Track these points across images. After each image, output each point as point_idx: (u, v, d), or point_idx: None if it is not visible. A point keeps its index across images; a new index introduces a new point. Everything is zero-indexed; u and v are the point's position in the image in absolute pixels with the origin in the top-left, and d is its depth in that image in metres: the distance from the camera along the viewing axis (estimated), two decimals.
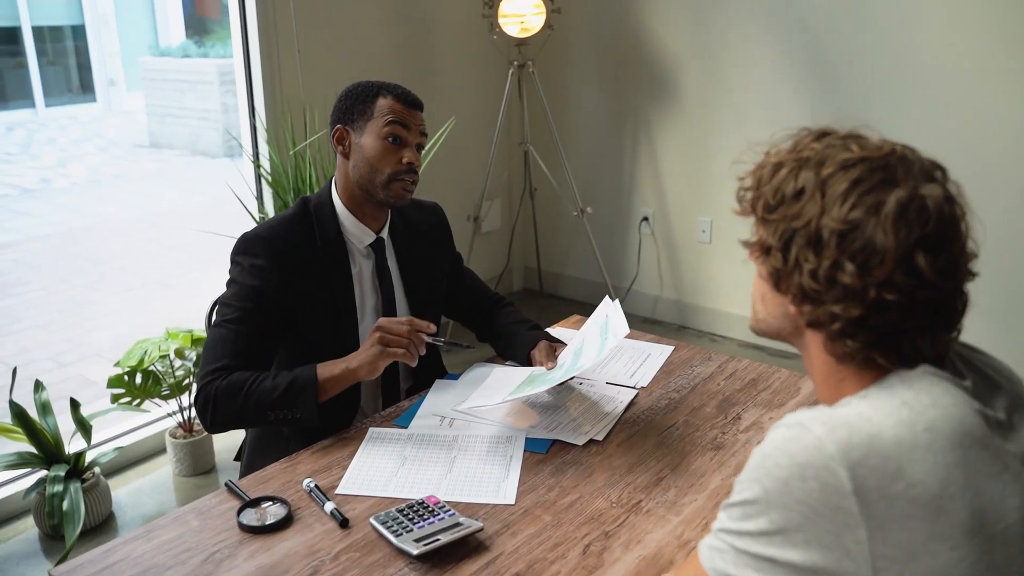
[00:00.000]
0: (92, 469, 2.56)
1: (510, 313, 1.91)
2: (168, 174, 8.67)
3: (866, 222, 0.81)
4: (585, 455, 1.46)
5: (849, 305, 0.83)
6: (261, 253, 1.58)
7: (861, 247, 0.81)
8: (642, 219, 3.93)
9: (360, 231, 1.69)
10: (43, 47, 11.51)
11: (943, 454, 0.78)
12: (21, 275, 5.35)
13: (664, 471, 1.41)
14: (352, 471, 1.42)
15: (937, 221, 0.81)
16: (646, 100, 3.78)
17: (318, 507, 1.32)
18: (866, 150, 0.86)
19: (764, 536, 0.81)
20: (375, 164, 1.62)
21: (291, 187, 2.89)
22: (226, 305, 1.58)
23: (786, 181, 0.87)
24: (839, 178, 0.83)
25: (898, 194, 0.81)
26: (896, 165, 0.84)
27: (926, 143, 0.94)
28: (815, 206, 0.84)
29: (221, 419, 1.52)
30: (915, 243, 0.80)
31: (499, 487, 1.36)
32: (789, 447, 0.80)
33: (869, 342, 0.84)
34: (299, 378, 1.50)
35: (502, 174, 4.12)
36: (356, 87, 1.67)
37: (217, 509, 1.33)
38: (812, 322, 0.88)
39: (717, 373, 1.77)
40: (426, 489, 1.36)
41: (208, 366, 1.53)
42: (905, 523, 0.76)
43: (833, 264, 0.83)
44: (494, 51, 3.75)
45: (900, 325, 0.83)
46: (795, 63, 3.32)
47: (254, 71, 3.06)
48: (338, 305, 1.66)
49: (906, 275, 0.80)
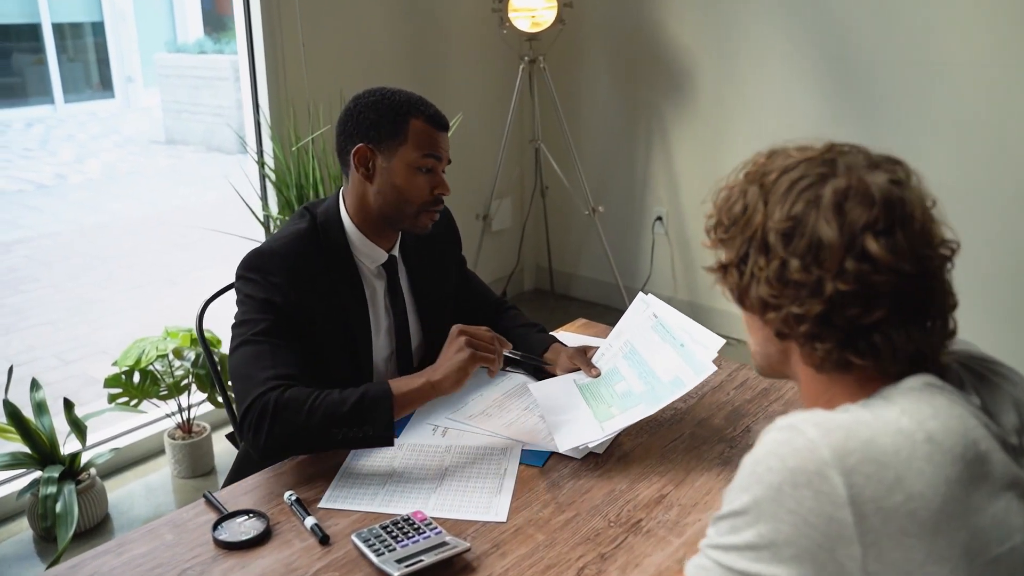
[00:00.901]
0: (88, 470, 2.51)
1: (515, 316, 1.83)
2: (182, 171, 8.66)
3: (807, 216, 0.81)
4: (583, 469, 1.39)
5: (808, 303, 0.81)
6: (277, 270, 1.45)
7: (808, 242, 0.80)
8: (656, 219, 3.86)
9: (371, 251, 1.57)
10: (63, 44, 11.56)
11: (944, 467, 0.74)
12: (32, 271, 5.33)
13: (667, 487, 1.33)
14: (337, 484, 1.35)
15: (884, 205, 0.79)
16: (660, 97, 3.71)
17: (298, 522, 1.25)
18: (806, 152, 0.86)
19: (752, 550, 0.76)
20: (406, 194, 1.50)
21: (294, 183, 2.83)
22: (247, 322, 1.44)
23: (736, 201, 0.88)
24: (780, 182, 0.84)
25: (835, 184, 0.81)
26: (835, 160, 0.84)
27: (946, 141, 0.87)
28: (760, 215, 0.84)
29: (280, 435, 1.33)
30: (862, 228, 0.78)
31: (490, 503, 1.29)
32: (781, 451, 0.76)
33: (839, 341, 0.82)
34: (370, 392, 1.36)
35: (512, 172, 4.05)
36: (382, 102, 1.50)
37: (193, 522, 1.27)
38: (780, 332, 0.86)
39: (727, 382, 1.69)
40: (413, 504, 1.29)
41: (254, 380, 1.36)
42: (902, 540, 0.72)
43: (782, 264, 0.82)
44: (504, 46, 3.68)
45: (866, 318, 0.80)
46: (813, 60, 3.23)
47: (258, 66, 3.00)
48: (353, 329, 1.56)
49: (858, 261, 0.78)
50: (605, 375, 1.54)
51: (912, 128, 2.99)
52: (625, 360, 1.53)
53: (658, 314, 1.54)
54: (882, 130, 3.04)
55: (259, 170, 3.05)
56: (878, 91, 3.08)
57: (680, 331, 1.48)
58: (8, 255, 5.64)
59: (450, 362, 1.39)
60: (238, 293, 1.49)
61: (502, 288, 4.10)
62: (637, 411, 1.42)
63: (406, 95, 1.52)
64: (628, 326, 1.59)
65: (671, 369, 1.44)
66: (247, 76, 3.03)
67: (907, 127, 3.00)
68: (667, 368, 1.45)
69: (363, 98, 1.53)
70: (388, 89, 1.53)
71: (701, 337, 1.45)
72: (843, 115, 3.15)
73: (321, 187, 2.86)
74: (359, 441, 1.36)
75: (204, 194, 7.27)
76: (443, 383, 1.39)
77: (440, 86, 3.63)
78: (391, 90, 1.53)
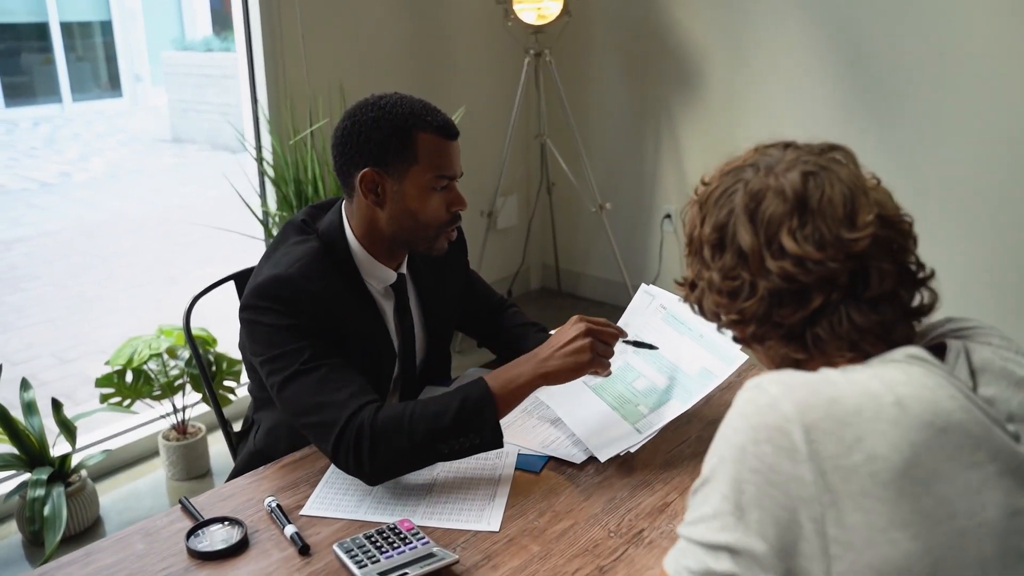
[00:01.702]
0: (78, 472, 2.45)
1: (515, 315, 1.75)
2: (187, 169, 8.62)
3: (728, 224, 0.85)
4: (583, 475, 1.31)
5: (744, 307, 0.84)
6: (299, 297, 1.32)
7: (733, 250, 0.84)
8: (664, 216, 3.78)
9: (380, 272, 1.45)
10: (71, 42, 11.56)
11: (910, 431, 0.73)
12: (32, 270, 5.29)
13: (671, 495, 1.25)
14: (321, 489, 1.28)
15: (796, 200, 0.81)
16: (669, 91, 3.63)
17: (278, 530, 1.18)
18: (734, 162, 0.90)
19: (717, 519, 0.76)
20: (423, 219, 1.38)
21: (292, 178, 2.76)
22: (286, 353, 1.29)
23: (689, 222, 0.92)
24: (711, 196, 0.88)
25: (750, 188, 0.84)
26: (757, 163, 0.86)
27: (965, 139, 0.82)
28: (698, 230, 0.89)
29: (385, 458, 1.22)
30: (777, 227, 0.81)
31: (483, 511, 1.21)
32: (746, 409, 0.77)
33: (783, 338, 0.84)
34: (470, 396, 1.25)
35: (518, 168, 3.97)
36: (383, 119, 1.34)
37: (167, 530, 1.20)
38: (735, 338, 0.90)
39: (736, 383, 1.60)
40: (401, 512, 1.21)
41: (334, 405, 1.25)
42: (862, 502, 0.71)
43: (716, 273, 0.86)
44: (509, 39, 3.60)
45: (802, 311, 0.82)
46: (827, 53, 3.14)
47: (256, 59, 2.93)
48: (380, 353, 1.45)
49: (778, 259, 0.81)
50: (617, 373, 1.46)
51: (930, 123, 2.90)
52: (637, 356, 1.45)
53: (667, 305, 1.47)
54: (899, 126, 2.95)
55: (257, 166, 2.99)
56: (895, 86, 2.98)
57: (696, 321, 1.41)
58: (9, 253, 5.60)
59: (565, 361, 1.29)
60: (255, 325, 1.34)
61: (507, 287, 4.02)
62: (670, 408, 1.35)
63: (408, 105, 1.36)
64: (634, 320, 1.52)
65: (696, 361, 1.38)
66: (245, 70, 2.96)
67: (924, 122, 2.91)
68: (691, 360, 1.39)
69: (360, 114, 1.36)
70: (386, 100, 1.37)
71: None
72: (858, 111, 3.06)
73: (320, 183, 2.79)
74: (466, 451, 1.26)
75: (207, 192, 7.21)
76: (554, 378, 1.29)
77: (443, 79, 3.55)
78: (390, 101, 1.36)
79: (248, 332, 1.37)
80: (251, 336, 1.36)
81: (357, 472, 1.24)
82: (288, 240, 1.44)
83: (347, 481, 1.29)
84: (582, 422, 1.40)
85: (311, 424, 1.27)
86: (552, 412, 1.47)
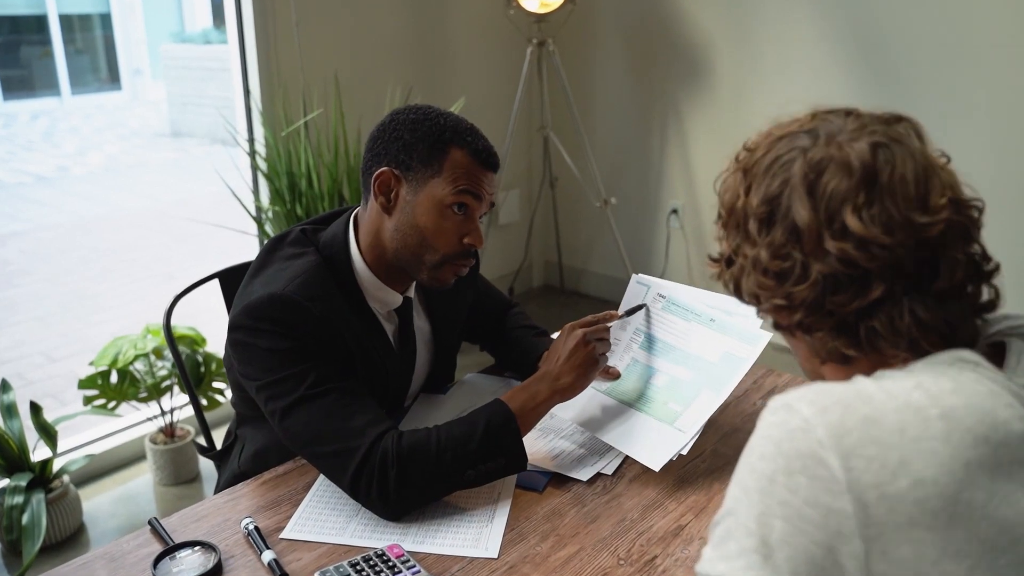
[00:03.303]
0: (60, 478, 2.35)
1: (515, 317, 1.64)
2: (185, 163, 8.52)
3: (782, 197, 0.75)
4: (589, 494, 1.20)
5: (794, 292, 0.74)
6: (300, 319, 1.19)
7: (785, 226, 0.74)
8: (671, 211, 3.69)
9: (385, 295, 1.33)
10: (70, 35, 11.48)
11: (962, 449, 0.64)
12: (26, 265, 5.20)
13: (686, 517, 1.14)
14: (304, 510, 1.17)
15: (863, 173, 0.71)
16: (676, 82, 3.53)
17: (256, 555, 1.08)
18: (789, 126, 0.80)
19: (742, 558, 0.66)
20: (429, 238, 1.25)
21: (284, 171, 2.65)
22: (288, 378, 1.18)
23: (727, 189, 0.82)
24: (761, 163, 0.78)
25: (810, 157, 0.74)
26: (816, 129, 0.77)
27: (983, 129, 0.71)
28: (742, 201, 0.78)
29: (413, 488, 1.13)
30: (840, 203, 0.71)
31: (480, 535, 1.10)
32: (775, 434, 0.68)
33: (833, 329, 0.75)
34: (492, 419, 1.18)
35: (520, 162, 3.88)
36: (422, 122, 1.24)
37: (134, 555, 1.09)
38: (778, 325, 0.80)
39: (753, 390, 1.50)
40: (391, 536, 1.11)
41: (350, 433, 1.14)
42: (911, 533, 0.63)
43: (763, 252, 0.76)
44: (511, 27, 3.50)
45: (860, 300, 0.72)
46: (839, 44, 3.03)
47: (248, 47, 2.82)
48: (388, 380, 1.35)
49: (839, 240, 0.71)
50: (626, 373, 1.36)
51: (947, 114, 2.79)
52: (644, 351, 1.35)
53: (665, 294, 1.38)
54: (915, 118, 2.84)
55: (250, 159, 2.88)
56: (911, 77, 2.88)
57: (701, 305, 1.34)
58: (3, 248, 5.51)
59: (577, 370, 1.25)
60: (249, 348, 1.21)
61: (509, 285, 3.92)
62: (706, 400, 1.25)
63: (454, 120, 1.26)
64: (632, 314, 1.42)
65: (715, 347, 1.28)
66: (237, 59, 2.85)
67: (942, 113, 2.80)
68: (710, 347, 1.29)
69: (402, 114, 1.27)
70: (434, 110, 1.27)
71: (732, 306, 1.30)
72: (873, 101, 2.94)
73: (315, 176, 2.68)
74: (492, 475, 1.18)
75: (206, 187, 7.11)
76: (571, 393, 1.25)
77: (442, 69, 3.44)
78: (437, 111, 1.27)
79: (240, 354, 1.23)
80: (244, 359, 1.23)
81: (380, 504, 1.13)
82: (280, 253, 1.31)
83: (333, 501, 1.18)
84: (606, 429, 1.29)
85: (324, 454, 1.16)
86: (557, 424, 1.37)
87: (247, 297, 1.24)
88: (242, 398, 1.38)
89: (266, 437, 1.36)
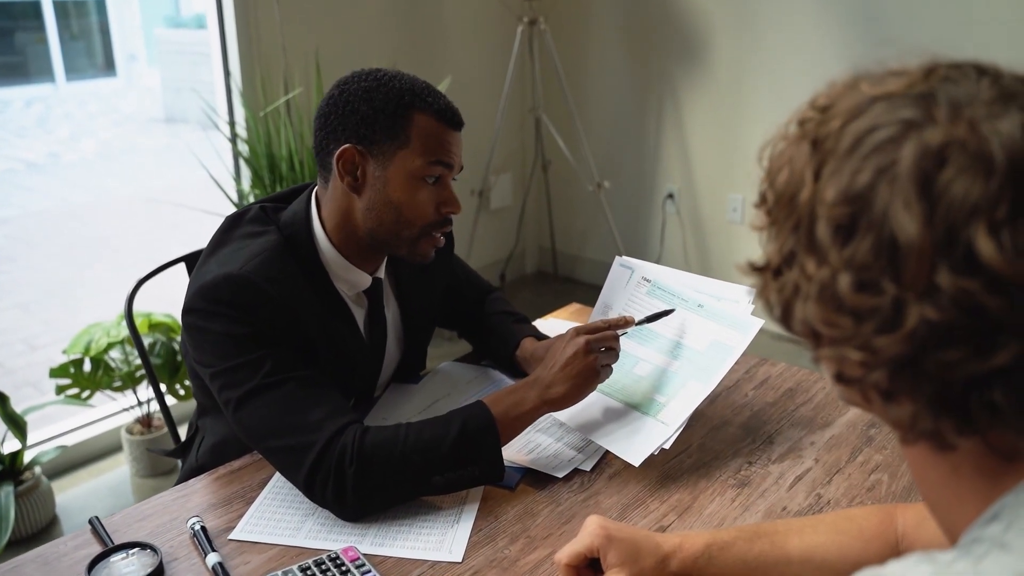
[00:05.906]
0: (31, 470, 2.27)
1: (494, 302, 1.55)
2: (178, 149, 8.42)
3: (876, 195, 0.49)
4: (565, 492, 1.12)
5: (878, 341, 0.49)
6: (255, 303, 1.11)
7: (876, 240, 0.48)
8: (667, 196, 3.60)
9: (351, 275, 1.25)
10: (64, 21, 11.36)
11: None
12: (11, 251, 5.11)
13: (669, 517, 1.06)
14: (257, 508, 1.09)
15: (1010, 173, 0.46)
16: (673, 62, 3.43)
17: (200, 558, 0.99)
18: (891, 83, 0.53)
19: None
20: (405, 213, 1.18)
21: (264, 152, 2.56)
22: (242, 365, 1.10)
23: (780, 166, 0.55)
24: (843, 136, 0.51)
25: (927, 138, 0.48)
26: (934, 94, 0.50)
27: None
28: (808, 190, 0.52)
29: (373, 490, 1.05)
30: (969, 216, 0.46)
31: (444, 537, 1.02)
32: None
33: (931, 402, 0.50)
34: (469, 424, 1.09)
35: (511, 145, 3.78)
36: (377, 90, 1.16)
37: (69, 558, 1.01)
38: (841, 376, 0.54)
39: (744, 380, 1.41)
40: (348, 538, 1.03)
41: (306, 427, 1.06)
42: None
43: (835, 274, 0.50)
44: (500, 5, 3.40)
45: (978, 364, 0.47)
46: (842, 23, 2.94)
47: (227, 25, 2.73)
48: (356, 368, 1.27)
49: (960, 274, 0.46)
50: None
51: None
52: (628, 339, 1.26)
53: (651, 277, 1.30)
54: None
55: (232, 144, 2.79)
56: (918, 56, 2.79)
57: (689, 290, 1.26)
58: None
59: (573, 381, 1.14)
60: (202, 332, 1.13)
61: (500, 271, 3.84)
62: (693, 391, 1.17)
63: (409, 81, 1.18)
64: (616, 299, 1.34)
65: (702, 335, 1.21)
66: (216, 38, 2.76)
67: None
68: (696, 335, 1.21)
69: (351, 83, 1.18)
70: (384, 73, 1.18)
71: (720, 291, 1.23)
72: None
73: (295, 159, 2.59)
74: (464, 483, 1.09)
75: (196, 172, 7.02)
76: (561, 404, 1.15)
77: (429, 47, 3.34)
78: (388, 74, 1.18)
79: (194, 339, 1.15)
80: (198, 344, 1.15)
81: (336, 504, 1.05)
82: (238, 231, 1.22)
83: (289, 499, 1.10)
84: (589, 424, 1.21)
85: (278, 448, 1.08)
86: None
87: (202, 277, 1.15)
88: (200, 387, 1.30)
89: (225, 429, 1.28)
